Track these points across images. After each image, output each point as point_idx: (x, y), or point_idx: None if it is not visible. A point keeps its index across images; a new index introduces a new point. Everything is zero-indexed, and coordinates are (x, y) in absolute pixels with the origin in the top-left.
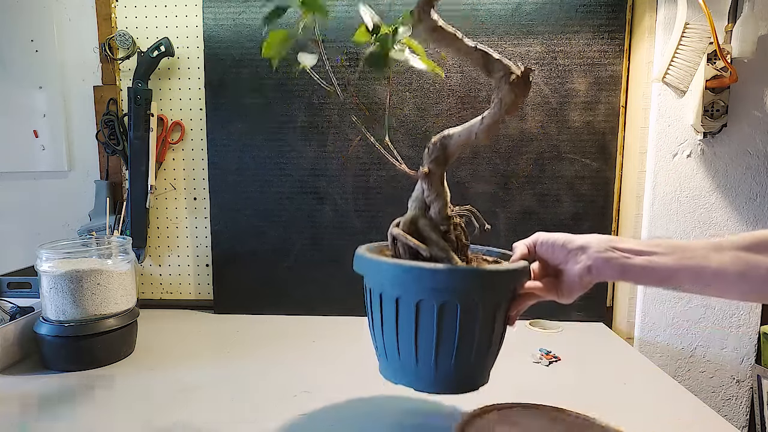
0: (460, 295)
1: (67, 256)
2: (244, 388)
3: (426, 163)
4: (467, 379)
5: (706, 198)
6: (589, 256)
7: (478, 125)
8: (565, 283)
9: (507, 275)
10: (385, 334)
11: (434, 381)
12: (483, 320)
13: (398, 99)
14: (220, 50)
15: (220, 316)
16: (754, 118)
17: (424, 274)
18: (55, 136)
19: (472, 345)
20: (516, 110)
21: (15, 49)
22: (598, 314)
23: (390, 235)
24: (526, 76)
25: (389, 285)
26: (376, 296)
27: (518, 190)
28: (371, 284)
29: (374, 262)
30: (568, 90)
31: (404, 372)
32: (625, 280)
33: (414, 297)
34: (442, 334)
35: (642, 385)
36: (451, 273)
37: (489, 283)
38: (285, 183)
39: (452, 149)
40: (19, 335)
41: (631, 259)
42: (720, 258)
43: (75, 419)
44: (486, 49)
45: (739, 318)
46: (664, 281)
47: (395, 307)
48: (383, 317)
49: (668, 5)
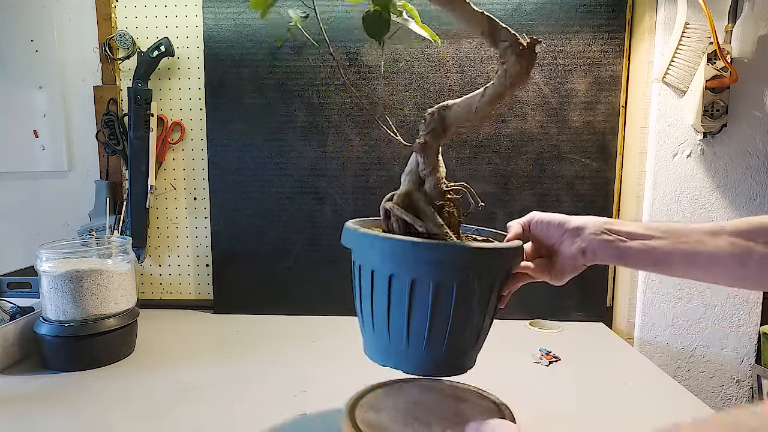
0: (458, 272)
1: (67, 256)
2: (244, 388)
3: (422, 134)
4: (457, 361)
5: (706, 198)
6: (583, 238)
7: (480, 97)
8: (558, 264)
9: (505, 253)
10: (375, 314)
11: (424, 362)
12: (479, 300)
13: (398, 99)
14: (220, 50)
15: (220, 316)
16: (754, 118)
17: (421, 250)
18: (55, 136)
19: (465, 325)
20: (521, 83)
21: (15, 49)
22: (598, 314)
23: (383, 209)
24: (532, 46)
25: (382, 261)
26: (366, 273)
27: (518, 190)
28: (361, 260)
29: (367, 236)
30: (568, 90)
31: (393, 353)
32: (619, 264)
33: (409, 274)
34: (436, 314)
35: (642, 385)
36: (450, 249)
37: (488, 261)
38: (285, 183)
39: (450, 121)
40: (19, 335)
41: (626, 243)
42: (715, 243)
43: (75, 419)
44: (492, 16)
45: (739, 318)
46: (658, 265)
47: (387, 285)
48: (373, 296)
49: (668, 5)
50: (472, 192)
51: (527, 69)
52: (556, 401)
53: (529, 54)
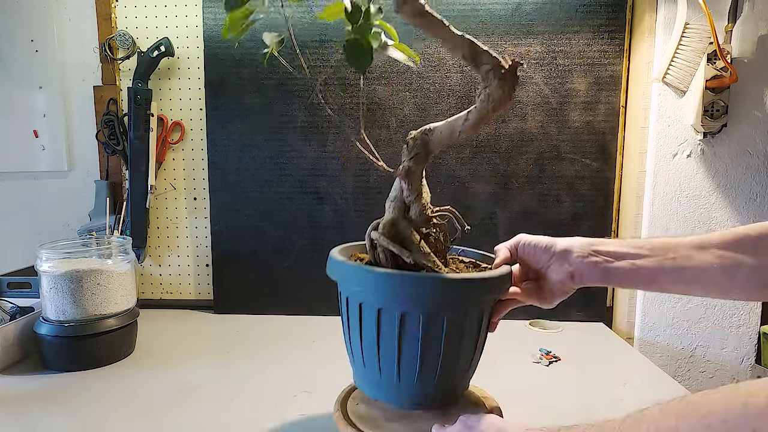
0: (447, 305)
1: (67, 256)
2: (244, 388)
3: (405, 159)
4: (450, 391)
5: (706, 198)
6: (571, 261)
7: (463, 121)
8: (547, 288)
9: (494, 282)
10: (364, 348)
11: (416, 396)
12: (469, 330)
13: (398, 99)
14: (220, 50)
15: (220, 316)
16: (754, 118)
17: (409, 283)
18: (55, 136)
19: (457, 357)
20: (504, 107)
21: (15, 49)
22: (598, 314)
23: (368, 238)
24: (514, 69)
25: (370, 294)
26: (354, 306)
27: (518, 190)
28: (348, 293)
29: (354, 268)
30: (568, 90)
31: (384, 388)
32: (607, 285)
33: (398, 308)
34: (426, 348)
35: (642, 385)
36: (438, 282)
37: (477, 292)
38: (285, 183)
39: (433, 146)
40: (19, 335)
41: (613, 263)
42: (702, 257)
43: (75, 419)
44: (473, 39)
45: (739, 318)
46: (647, 284)
47: (376, 319)
48: (362, 329)
49: (668, 5)
50: (458, 216)
51: (510, 93)
52: (556, 401)
53: (511, 77)
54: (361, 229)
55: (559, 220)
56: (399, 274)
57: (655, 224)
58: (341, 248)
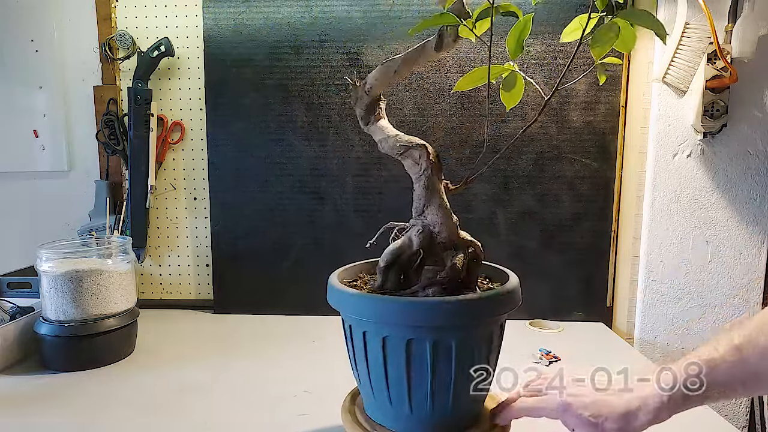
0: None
1: (67, 256)
2: (244, 388)
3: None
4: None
5: (706, 198)
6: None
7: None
8: None
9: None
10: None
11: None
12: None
13: (398, 99)
14: (220, 50)
15: (220, 316)
16: (754, 118)
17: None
18: (55, 136)
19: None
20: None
21: (15, 49)
22: (598, 314)
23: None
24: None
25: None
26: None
27: (518, 190)
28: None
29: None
30: (568, 90)
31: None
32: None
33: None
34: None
35: None
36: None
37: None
38: (285, 183)
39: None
40: (19, 335)
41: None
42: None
43: (75, 419)
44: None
45: (739, 318)
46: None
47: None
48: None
49: (668, 5)
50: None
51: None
52: None
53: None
54: (361, 229)
55: (559, 220)
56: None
57: (655, 224)
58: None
